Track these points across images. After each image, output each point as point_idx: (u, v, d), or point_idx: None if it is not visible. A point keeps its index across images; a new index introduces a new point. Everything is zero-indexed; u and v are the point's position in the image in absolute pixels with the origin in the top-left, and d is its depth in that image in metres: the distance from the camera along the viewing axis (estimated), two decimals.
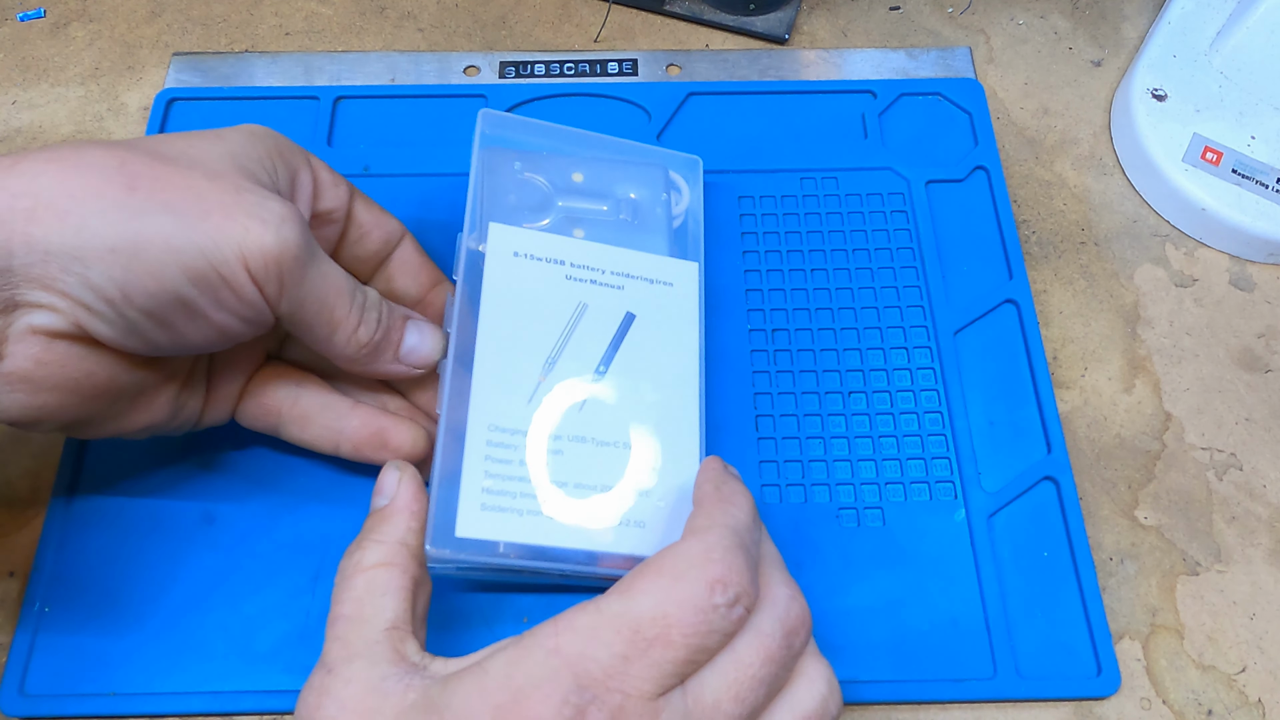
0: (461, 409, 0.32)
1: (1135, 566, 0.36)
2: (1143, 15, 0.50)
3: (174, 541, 0.35)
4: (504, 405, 0.32)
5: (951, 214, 0.42)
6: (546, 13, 0.49)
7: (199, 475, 0.36)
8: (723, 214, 0.42)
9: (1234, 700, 0.34)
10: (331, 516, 0.36)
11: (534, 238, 0.35)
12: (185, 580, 0.34)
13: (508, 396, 0.32)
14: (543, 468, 0.32)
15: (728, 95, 0.45)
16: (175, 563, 0.35)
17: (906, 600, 0.34)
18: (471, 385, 0.32)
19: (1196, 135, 0.43)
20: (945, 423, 0.37)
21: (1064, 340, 0.40)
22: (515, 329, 0.33)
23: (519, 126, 0.38)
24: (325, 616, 0.33)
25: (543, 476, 0.31)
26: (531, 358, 0.33)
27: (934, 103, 0.45)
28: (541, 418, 0.32)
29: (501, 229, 0.35)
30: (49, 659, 0.33)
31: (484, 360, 0.33)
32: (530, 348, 0.33)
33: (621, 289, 0.35)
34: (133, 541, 0.35)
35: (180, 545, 0.35)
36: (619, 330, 0.34)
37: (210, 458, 0.36)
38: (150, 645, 0.33)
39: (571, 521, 0.31)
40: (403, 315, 0.33)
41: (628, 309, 0.35)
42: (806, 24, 0.49)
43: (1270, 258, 0.42)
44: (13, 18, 0.48)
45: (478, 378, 0.32)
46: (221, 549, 0.35)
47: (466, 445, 0.31)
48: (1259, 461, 0.38)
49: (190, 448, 0.37)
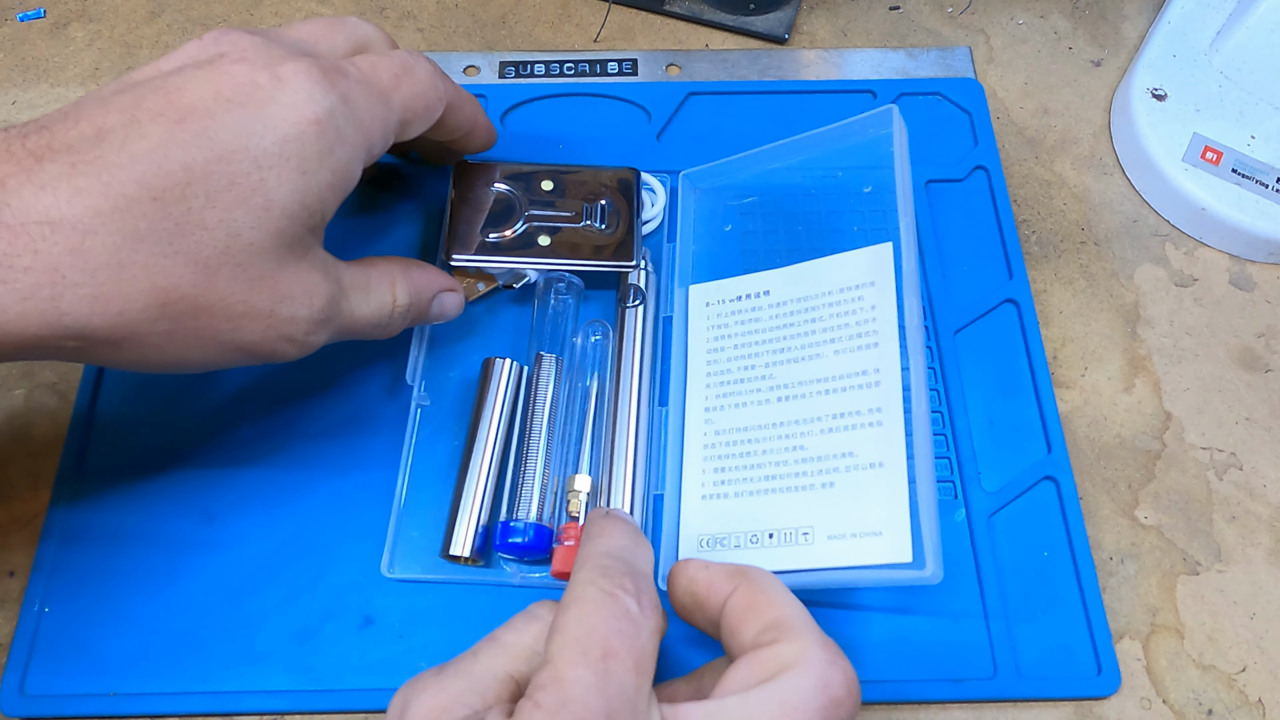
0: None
1: (1135, 566, 0.36)
2: (1143, 15, 0.50)
3: (174, 541, 0.35)
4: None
5: (951, 214, 0.42)
6: (546, 13, 0.49)
7: (199, 475, 0.36)
8: (723, 213, 0.42)
9: (1234, 700, 0.34)
10: (332, 517, 0.36)
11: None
12: (185, 580, 0.34)
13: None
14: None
15: (728, 95, 0.45)
16: (175, 562, 0.35)
17: (907, 600, 0.34)
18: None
19: (1196, 135, 0.43)
20: (945, 422, 0.37)
21: (1064, 340, 0.40)
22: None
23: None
24: (325, 616, 0.34)
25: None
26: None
27: (934, 103, 0.45)
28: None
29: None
30: (49, 659, 0.33)
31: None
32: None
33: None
34: (133, 541, 0.35)
35: (180, 545, 0.35)
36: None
37: (210, 458, 0.36)
38: (150, 645, 0.33)
39: None
40: (430, 296, 0.34)
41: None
42: (806, 24, 0.49)
43: (1270, 257, 0.42)
44: (13, 18, 0.48)
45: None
46: (221, 549, 0.35)
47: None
48: (1259, 461, 0.38)
49: (190, 448, 0.37)
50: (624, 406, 0.36)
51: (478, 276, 0.38)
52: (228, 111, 0.27)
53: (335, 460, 0.37)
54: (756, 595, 0.27)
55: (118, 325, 0.26)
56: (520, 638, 0.26)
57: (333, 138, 0.28)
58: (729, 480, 0.34)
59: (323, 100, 0.28)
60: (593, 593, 0.25)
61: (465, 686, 0.25)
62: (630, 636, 0.24)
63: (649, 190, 0.41)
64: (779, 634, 0.25)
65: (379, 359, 0.38)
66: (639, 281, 0.38)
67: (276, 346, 0.29)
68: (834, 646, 0.25)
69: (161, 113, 0.26)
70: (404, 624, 0.34)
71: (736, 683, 0.25)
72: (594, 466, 0.35)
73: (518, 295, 0.40)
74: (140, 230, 0.25)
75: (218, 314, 0.27)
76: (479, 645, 0.26)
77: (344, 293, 0.31)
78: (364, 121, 0.30)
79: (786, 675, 0.24)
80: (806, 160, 0.39)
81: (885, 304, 0.34)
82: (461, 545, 0.33)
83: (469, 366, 0.38)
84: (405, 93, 0.31)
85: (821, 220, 0.40)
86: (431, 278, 0.35)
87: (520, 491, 0.34)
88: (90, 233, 0.25)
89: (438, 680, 0.25)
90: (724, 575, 0.28)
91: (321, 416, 0.37)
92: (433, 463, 0.36)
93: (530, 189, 0.39)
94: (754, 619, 0.26)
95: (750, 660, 0.25)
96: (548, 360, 0.37)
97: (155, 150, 0.26)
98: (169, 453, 0.37)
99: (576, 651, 0.23)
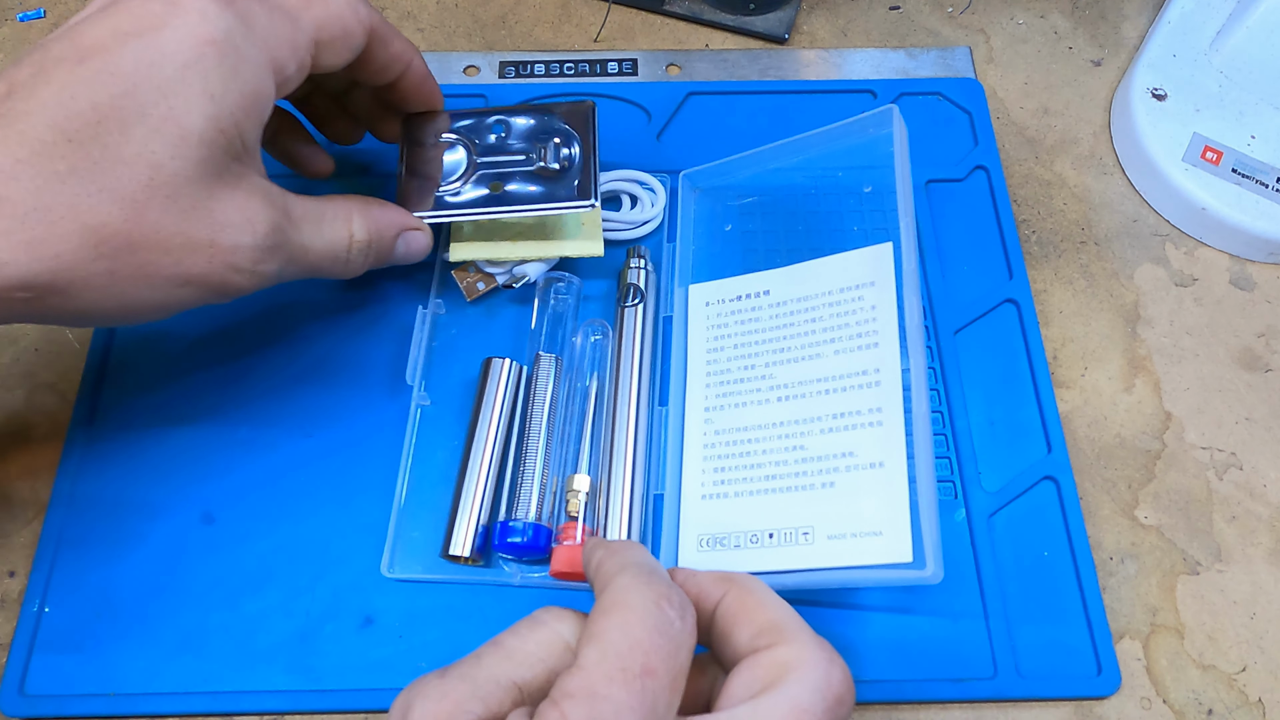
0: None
1: (1135, 566, 0.36)
2: (1143, 15, 0.50)
3: (174, 541, 0.35)
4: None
5: (952, 214, 0.42)
6: (546, 12, 0.49)
7: (199, 475, 0.36)
8: (723, 213, 0.42)
9: (1234, 700, 0.34)
10: (332, 517, 0.36)
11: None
12: (185, 580, 0.34)
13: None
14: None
15: (728, 95, 0.45)
16: (175, 563, 0.35)
17: (907, 600, 0.34)
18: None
19: (1196, 135, 0.43)
20: (945, 422, 0.37)
21: (1064, 340, 0.40)
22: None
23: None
24: (325, 616, 0.34)
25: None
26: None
27: (934, 102, 0.45)
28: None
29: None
30: (49, 659, 0.33)
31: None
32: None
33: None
34: (133, 541, 0.35)
35: (180, 545, 0.35)
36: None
37: (210, 458, 0.37)
38: (150, 645, 0.33)
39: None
40: (393, 235, 0.34)
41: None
42: (806, 24, 0.49)
43: (1270, 257, 0.42)
44: (13, 18, 0.48)
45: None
46: (221, 549, 0.35)
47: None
48: (1259, 461, 0.38)
49: (190, 448, 0.37)
50: (623, 406, 0.36)
51: (478, 276, 0.38)
52: (125, 44, 0.27)
53: (335, 460, 0.37)
54: (747, 599, 0.26)
55: (58, 270, 0.26)
56: (525, 644, 0.25)
57: (235, 58, 0.28)
58: (729, 480, 0.34)
59: (218, 21, 0.28)
60: (638, 600, 0.24)
61: (469, 692, 0.24)
62: (670, 655, 0.23)
63: (649, 190, 0.41)
64: (775, 637, 0.25)
65: (379, 359, 0.38)
66: (639, 281, 0.38)
67: (227, 277, 0.29)
68: (829, 646, 0.25)
69: (64, 57, 0.27)
70: (404, 624, 0.34)
71: (741, 689, 0.24)
72: (593, 466, 0.35)
73: (518, 295, 0.40)
74: (61, 172, 0.26)
75: (155, 248, 0.28)
76: (482, 650, 0.26)
77: (293, 223, 0.31)
78: (268, 41, 0.29)
79: (791, 679, 0.24)
80: (806, 160, 0.39)
81: (885, 304, 0.34)
82: (461, 545, 0.33)
83: (469, 366, 0.38)
84: (317, 12, 0.31)
85: (821, 220, 0.40)
86: (394, 216, 0.35)
87: (519, 491, 0.34)
88: (12, 179, 0.26)
89: (441, 685, 0.24)
90: (712, 581, 0.27)
91: (321, 416, 0.37)
92: (433, 463, 0.36)
93: (481, 135, 0.37)
94: (747, 623, 0.26)
95: (750, 666, 0.25)
96: (547, 360, 0.37)
97: (61, 93, 0.26)
98: (169, 453, 0.37)
99: (615, 666, 0.22)
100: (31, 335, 0.40)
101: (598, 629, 0.23)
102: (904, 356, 0.33)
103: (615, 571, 0.25)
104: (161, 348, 0.39)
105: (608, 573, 0.25)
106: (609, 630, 0.23)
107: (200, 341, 0.39)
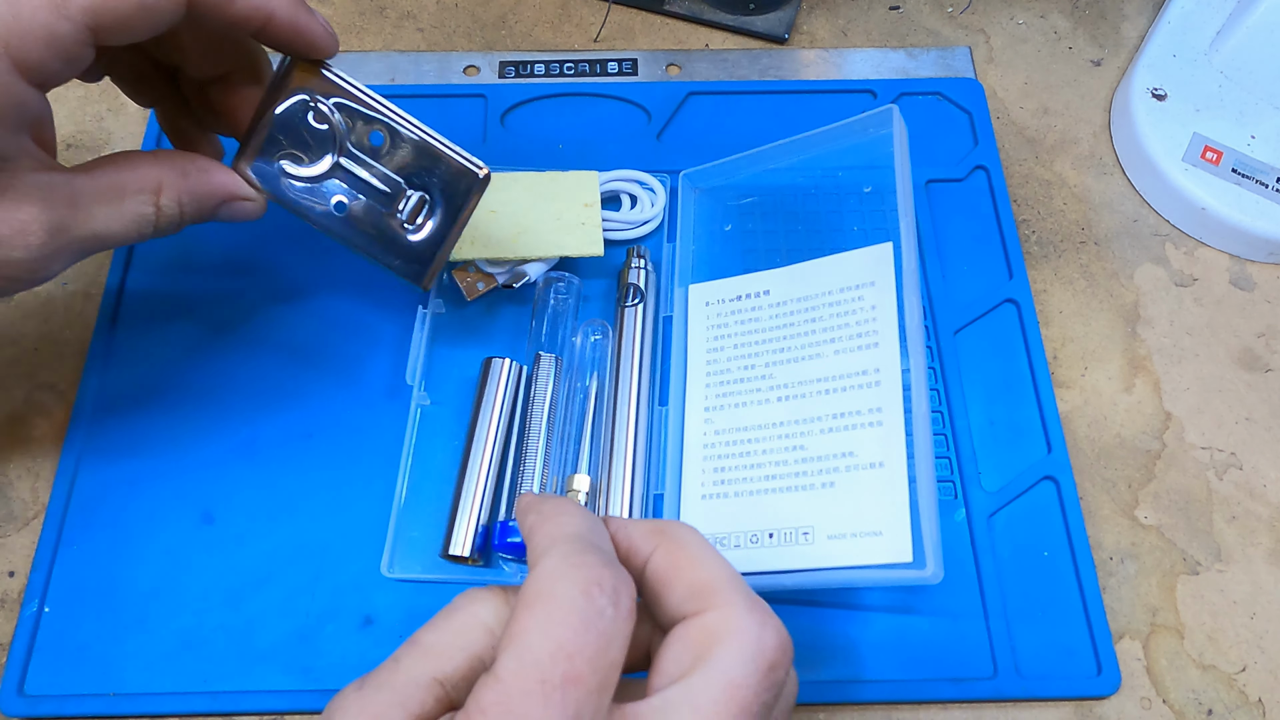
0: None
1: (1135, 566, 0.36)
2: (1143, 15, 0.50)
3: (174, 541, 0.35)
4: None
5: (951, 214, 0.42)
6: (546, 12, 0.49)
7: (199, 475, 0.36)
8: (723, 213, 0.42)
9: (1234, 700, 0.34)
10: (332, 517, 0.36)
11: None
12: (185, 580, 0.34)
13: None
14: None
15: (728, 95, 0.45)
16: (175, 563, 0.35)
17: (907, 600, 0.34)
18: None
19: (1196, 135, 0.43)
20: (945, 422, 0.37)
21: (1064, 340, 0.40)
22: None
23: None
24: (325, 616, 0.34)
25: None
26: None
27: (934, 102, 0.45)
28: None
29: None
30: (49, 659, 0.33)
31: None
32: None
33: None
34: (133, 541, 0.35)
35: (180, 545, 0.35)
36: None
37: (210, 458, 0.37)
38: (150, 645, 0.33)
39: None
40: (214, 204, 0.31)
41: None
42: (806, 24, 0.49)
43: (1270, 257, 0.42)
44: None
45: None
46: (221, 549, 0.35)
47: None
48: (1259, 461, 0.38)
49: (190, 448, 0.37)
50: (623, 406, 0.36)
51: (478, 276, 0.38)
52: None
53: (335, 460, 0.37)
54: (678, 554, 0.25)
55: None
56: (442, 636, 0.24)
57: None
58: (729, 480, 0.34)
59: None
60: (564, 590, 0.22)
61: (388, 699, 0.23)
62: (599, 653, 0.21)
63: (648, 190, 0.41)
64: (704, 601, 0.24)
65: (379, 359, 0.38)
66: (639, 281, 0.38)
67: (5, 288, 0.28)
68: (762, 605, 0.24)
69: None
70: (404, 624, 0.34)
71: (672, 665, 0.23)
72: (593, 466, 0.35)
73: (517, 295, 0.40)
74: None
75: None
76: (400, 650, 0.24)
77: (82, 210, 0.28)
78: (7, 40, 0.25)
79: (721, 650, 0.23)
80: (806, 160, 0.39)
81: (885, 304, 0.34)
82: (461, 545, 0.33)
83: (469, 366, 0.38)
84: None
85: (821, 220, 0.40)
86: (217, 183, 0.31)
87: (519, 491, 0.34)
88: None
89: (359, 697, 0.23)
90: (643, 534, 0.25)
91: (321, 416, 0.37)
92: (433, 463, 0.36)
93: (359, 128, 0.31)
94: (677, 583, 0.24)
95: (680, 637, 0.23)
96: (547, 360, 0.37)
97: None
98: (169, 453, 0.37)
99: (534, 679, 0.21)
100: (31, 335, 0.40)
101: (518, 628, 0.22)
102: (904, 356, 0.33)
103: (545, 548, 0.23)
104: (161, 348, 0.39)
105: (537, 548, 0.24)
106: (529, 632, 0.21)
107: (200, 342, 0.39)
